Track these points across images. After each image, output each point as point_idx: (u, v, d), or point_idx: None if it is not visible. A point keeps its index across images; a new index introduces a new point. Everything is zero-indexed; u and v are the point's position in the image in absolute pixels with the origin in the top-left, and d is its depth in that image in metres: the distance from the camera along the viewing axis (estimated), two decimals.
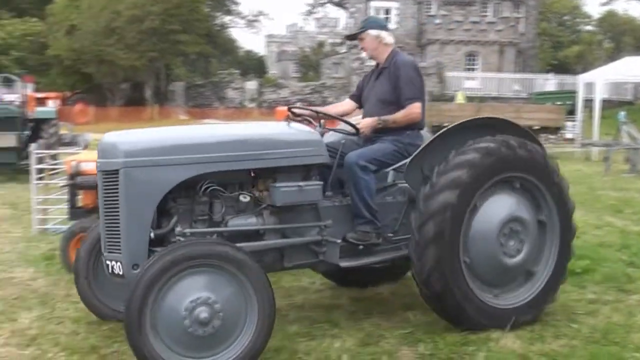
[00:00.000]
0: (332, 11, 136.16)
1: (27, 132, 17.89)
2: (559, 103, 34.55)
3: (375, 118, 6.12)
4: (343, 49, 65.72)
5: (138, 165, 5.08)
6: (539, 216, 6.11)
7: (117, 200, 5.11)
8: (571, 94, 35.12)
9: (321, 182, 5.77)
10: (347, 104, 6.77)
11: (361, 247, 5.90)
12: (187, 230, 5.31)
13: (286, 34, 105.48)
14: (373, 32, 6.34)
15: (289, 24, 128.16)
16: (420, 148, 5.91)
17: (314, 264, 5.99)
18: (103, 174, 5.23)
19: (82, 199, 8.41)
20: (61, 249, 7.95)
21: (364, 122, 6.14)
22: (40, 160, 11.32)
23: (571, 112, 29.49)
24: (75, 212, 8.42)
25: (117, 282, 5.43)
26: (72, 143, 18.23)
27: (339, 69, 66.52)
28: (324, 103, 45.08)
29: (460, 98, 40.38)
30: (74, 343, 5.76)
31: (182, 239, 5.22)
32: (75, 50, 49.08)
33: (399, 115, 6.13)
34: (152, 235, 5.18)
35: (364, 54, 6.30)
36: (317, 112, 6.42)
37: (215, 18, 62.38)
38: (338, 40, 72.88)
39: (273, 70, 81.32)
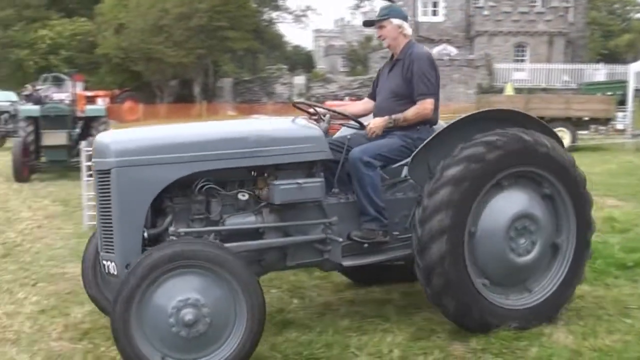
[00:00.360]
0: (380, 5, 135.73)
1: (77, 130, 18.16)
2: (609, 93, 33.91)
3: (386, 117, 5.96)
4: None
5: (129, 164, 5.06)
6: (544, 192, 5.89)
7: (110, 200, 5.12)
8: (621, 84, 34.61)
9: (322, 180, 5.62)
10: (366, 102, 6.61)
11: (366, 245, 5.74)
12: (182, 230, 5.24)
13: (334, 29, 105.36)
14: (396, 20, 6.16)
15: (337, 18, 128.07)
16: (425, 142, 5.69)
17: (320, 263, 5.81)
18: (97, 174, 5.24)
19: None
20: None
21: (374, 123, 5.98)
22: (91, 158, 11.40)
23: (622, 102, 29.02)
24: None
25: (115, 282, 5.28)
26: None
27: None
28: None
29: (509, 90, 39.93)
30: None
31: (175, 238, 5.17)
32: (123, 48, 49.59)
33: (410, 113, 5.97)
34: (145, 234, 5.15)
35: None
36: (320, 108, 6.20)
37: (263, 14, 62.45)
38: None
39: (321, 65, 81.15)
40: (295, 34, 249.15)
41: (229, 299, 4.86)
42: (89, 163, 11.00)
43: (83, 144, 11.22)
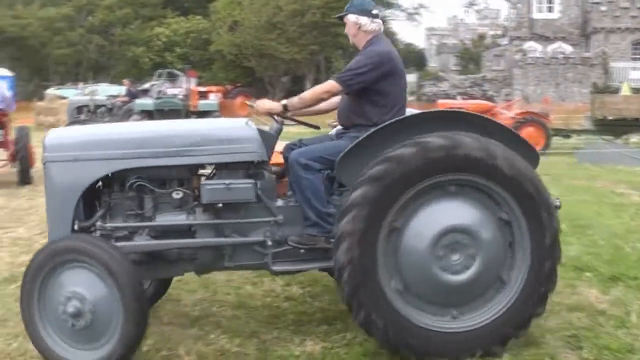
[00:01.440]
0: (493, 2, 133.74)
1: None
2: None
3: (282, 101, 5.59)
4: (504, 41, 64.23)
5: (59, 159, 5.25)
6: (499, 215, 5.07)
7: None
8: None
9: (254, 181, 5.31)
10: (337, 98, 5.92)
11: (302, 251, 5.35)
12: (108, 225, 5.30)
13: (446, 27, 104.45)
14: (352, 17, 5.62)
15: (450, 16, 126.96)
16: (354, 142, 5.12)
17: (262, 266, 5.48)
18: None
19: None
20: None
21: (262, 102, 5.62)
22: None
23: None
24: None
25: None
26: None
27: (500, 62, 65.00)
28: (484, 96, 44.22)
29: (625, 90, 38.46)
30: (235, 327, 5.80)
31: (100, 232, 5.29)
32: (237, 45, 50.45)
33: (305, 93, 5.62)
34: (76, 226, 5.28)
35: (524, 46, 5.30)
36: None
37: None
38: (499, 32, 71.41)
39: (433, 63, 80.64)
40: (408, 32, 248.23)
41: (109, 298, 4.89)
42: None
43: None
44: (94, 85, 40.24)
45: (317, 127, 6.08)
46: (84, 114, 27.37)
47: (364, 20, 5.57)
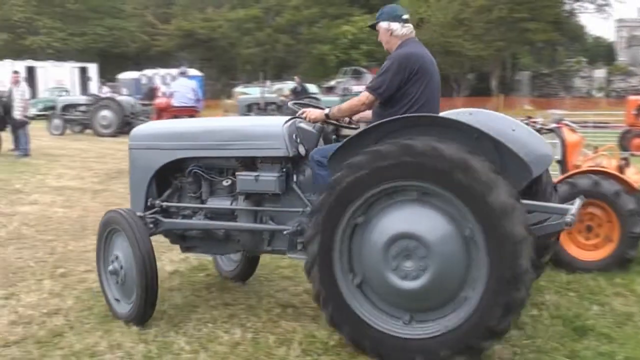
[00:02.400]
0: None
1: None
2: None
3: (325, 109, 5.89)
4: None
5: (136, 147, 6.60)
6: (463, 232, 4.82)
7: None
8: None
9: (278, 175, 5.86)
10: None
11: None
12: (164, 203, 6.47)
13: (638, 18, 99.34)
14: (384, 24, 5.87)
15: None
16: (342, 142, 5.32)
17: (295, 253, 5.95)
18: None
19: None
20: None
21: (309, 112, 5.94)
22: None
23: None
24: None
25: None
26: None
27: None
28: None
29: None
30: None
31: (158, 209, 6.47)
32: (422, 42, 50.19)
33: (344, 104, 5.84)
34: (148, 202, 6.47)
35: None
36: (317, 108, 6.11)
37: (564, 4, 60.35)
38: None
39: (622, 57, 77.05)
40: (596, 25, 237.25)
41: (133, 260, 5.88)
42: None
43: None
44: (280, 83, 41.33)
45: (355, 128, 6.17)
46: (254, 111, 28.35)
47: (395, 25, 5.82)
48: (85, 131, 30.52)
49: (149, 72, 47.91)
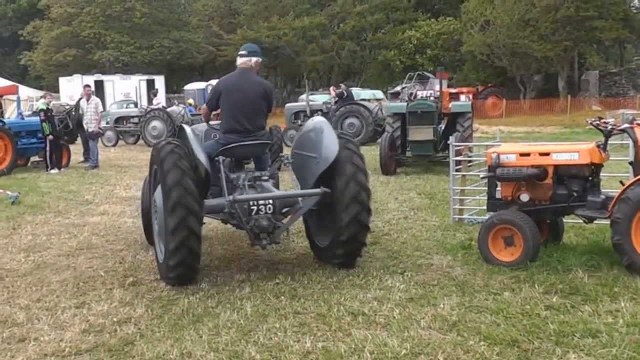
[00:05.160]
0: None
1: (441, 126, 18.69)
2: None
3: None
4: None
5: None
6: None
7: None
8: None
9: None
10: None
11: None
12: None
13: None
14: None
15: None
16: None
17: None
18: None
19: (501, 191, 8.38)
20: (479, 239, 8.00)
21: None
22: (459, 153, 11.58)
23: None
24: (493, 203, 8.46)
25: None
26: None
27: None
28: None
29: None
30: (495, 334, 5.71)
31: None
32: (488, 44, 49.57)
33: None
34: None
35: None
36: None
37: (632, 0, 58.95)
38: None
39: None
40: None
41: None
42: (458, 158, 11.12)
43: (451, 140, 11.29)
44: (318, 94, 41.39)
45: None
46: (300, 119, 28.30)
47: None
48: (139, 142, 31.28)
49: (214, 82, 48.29)
